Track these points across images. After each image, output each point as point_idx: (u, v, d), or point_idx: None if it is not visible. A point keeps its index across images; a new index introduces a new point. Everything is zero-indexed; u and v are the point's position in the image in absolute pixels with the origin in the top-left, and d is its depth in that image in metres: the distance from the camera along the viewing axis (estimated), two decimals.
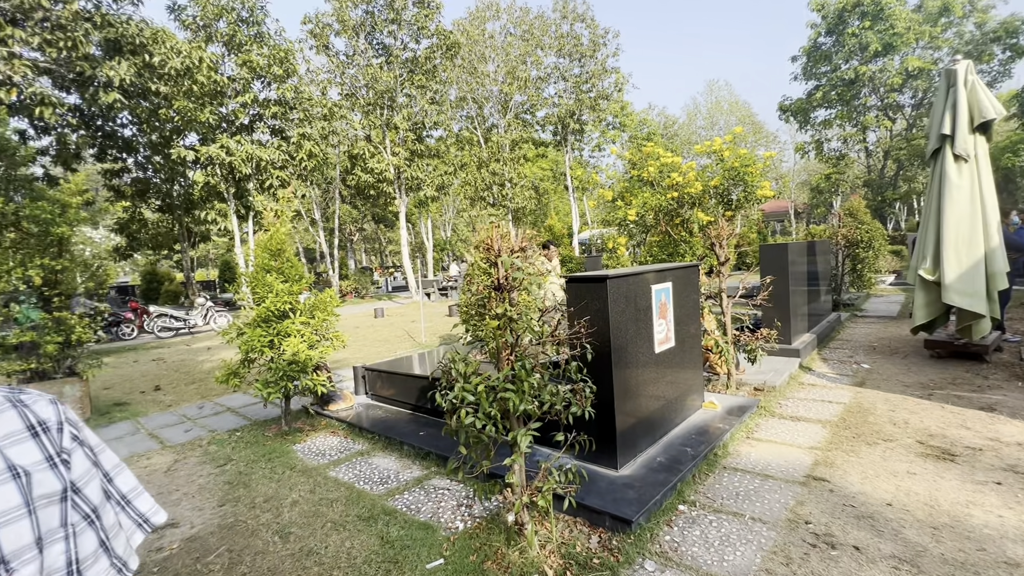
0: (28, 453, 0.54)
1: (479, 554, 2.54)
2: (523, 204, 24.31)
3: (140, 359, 9.98)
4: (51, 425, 0.58)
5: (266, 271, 4.64)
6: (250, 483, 3.64)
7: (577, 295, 3.15)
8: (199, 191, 17.05)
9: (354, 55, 19.17)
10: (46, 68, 10.94)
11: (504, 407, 2.34)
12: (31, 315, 5.35)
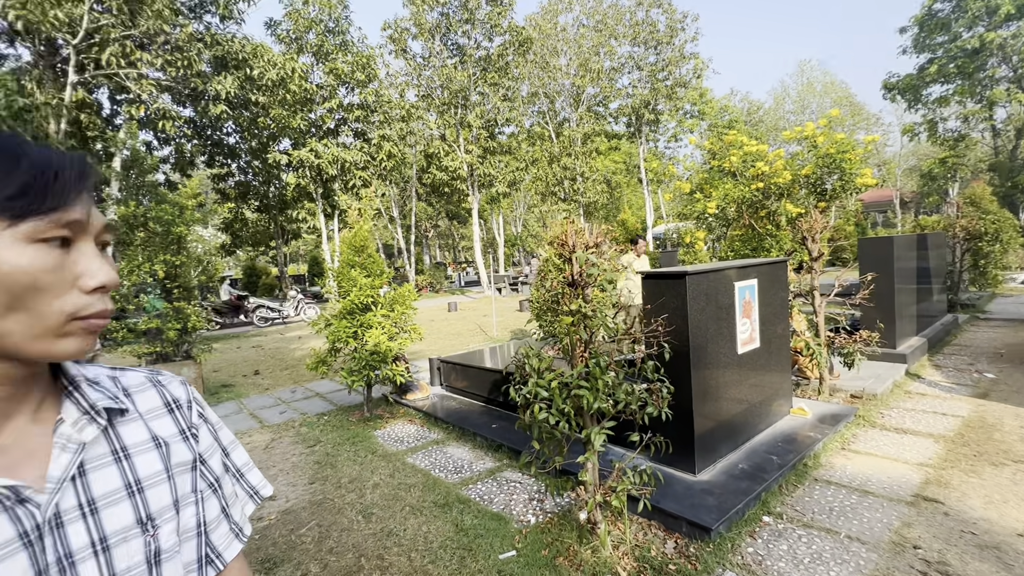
0: (166, 426, 0.61)
1: (551, 549, 2.55)
2: (595, 198, 23.92)
3: (242, 346, 11.03)
4: (183, 403, 0.65)
5: (351, 266, 4.93)
6: (336, 464, 3.90)
7: (654, 292, 3.05)
8: (291, 192, 18.45)
9: (430, 57, 19.80)
10: (167, 86, 12.35)
11: (578, 404, 2.33)
12: (156, 304, 6.08)
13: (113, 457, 0.56)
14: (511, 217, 38.19)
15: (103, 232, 0.53)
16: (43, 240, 0.47)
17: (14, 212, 0.45)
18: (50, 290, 0.47)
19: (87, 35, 10.19)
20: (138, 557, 0.54)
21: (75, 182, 0.49)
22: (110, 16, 10.29)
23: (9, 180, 0.45)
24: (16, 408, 0.51)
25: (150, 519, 0.56)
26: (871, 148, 7.49)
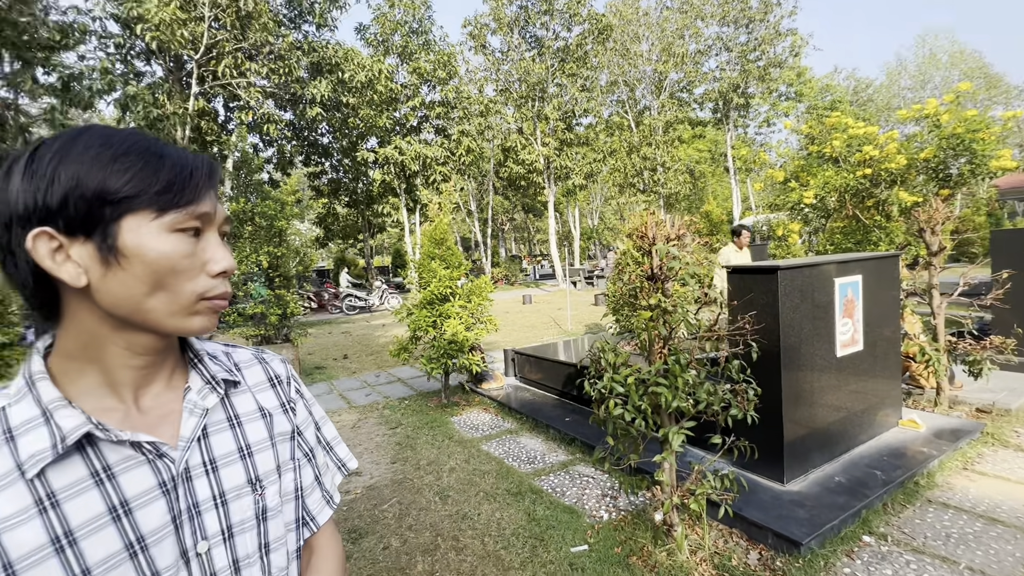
0: (270, 399, 0.69)
1: (624, 548, 2.51)
2: (676, 189, 22.90)
3: (332, 331, 11.88)
4: (283, 379, 0.72)
5: (431, 258, 5.13)
6: (415, 446, 4.10)
7: (741, 287, 2.87)
8: (377, 188, 19.52)
9: (508, 51, 19.94)
10: (271, 92, 13.53)
11: (655, 402, 2.25)
12: (261, 292, 6.72)
13: (228, 423, 0.63)
14: (587, 210, 37.65)
15: (224, 223, 0.59)
16: (181, 230, 0.53)
17: (160, 205, 0.52)
18: (185, 273, 0.53)
19: (206, 50, 11.40)
20: (249, 512, 0.61)
21: (205, 179, 0.55)
22: (224, 32, 11.43)
23: (156, 178, 0.51)
24: (155, 376, 0.59)
25: (258, 480, 0.62)
26: (1010, 126, 6.48)
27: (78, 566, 0.49)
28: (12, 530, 0.47)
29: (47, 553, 0.48)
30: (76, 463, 0.51)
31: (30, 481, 0.49)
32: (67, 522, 0.49)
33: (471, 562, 2.51)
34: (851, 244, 6.05)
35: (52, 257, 0.49)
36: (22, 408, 0.51)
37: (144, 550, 0.52)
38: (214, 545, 0.57)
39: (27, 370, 0.53)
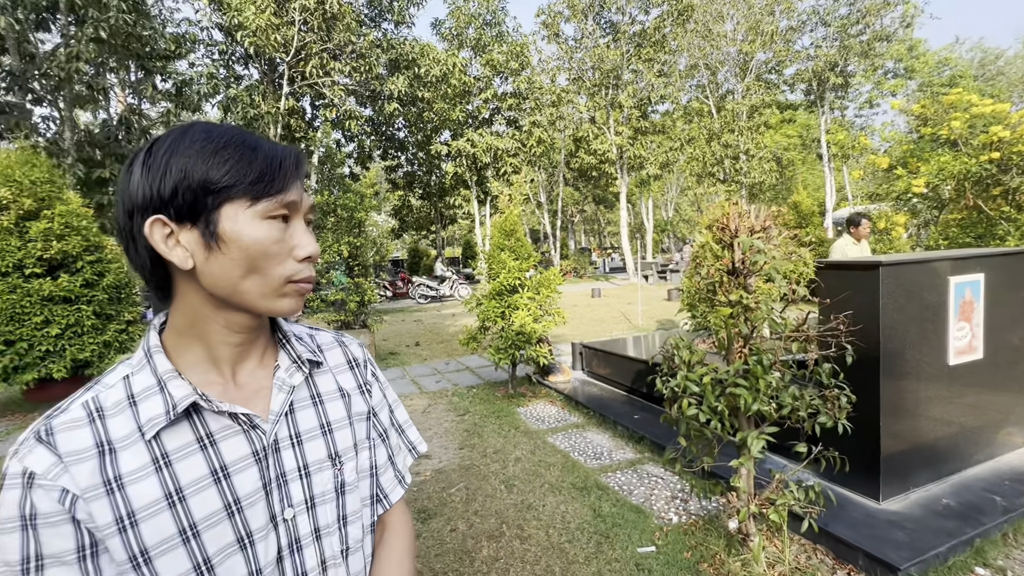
0: (348, 380, 0.72)
1: (694, 553, 2.40)
2: (761, 178, 21.41)
3: (405, 319, 12.39)
4: (360, 362, 0.75)
5: (500, 249, 5.17)
6: (482, 434, 4.18)
7: (835, 285, 2.62)
8: (449, 180, 19.99)
9: (582, 38, 19.54)
10: (352, 90, 14.23)
11: (733, 404, 2.13)
12: (342, 279, 7.13)
13: (312, 401, 0.66)
14: (661, 201, 36.29)
15: (309, 211, 0.62)
16: (271, 217, 0.56)
17: (253, 194, 0.55)
18: (275, 258, 0.56)
19: (296, 52, 12.20)
20: (329, 485, 0.64)
21: (292, 169, 0.58)
22: (312, 34, 12.15)
23: (250, 168, 0.55)
24: (249, 353, 0.63)
25: (337, 456, 0.66)
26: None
27: (186, 520, 0.54)
28: (135, 483, 0.53)
29: (162, 507, 0.53)
30: (184, 429, 0.56)
31: (148, 442, 0.54)
32: (178, 481, 0.55)
33: (535, 552, 2.52)
34: (970, 238, 5.35)
35: (165, 242, 0.54)
36: (142, 377, 0.57)
37: (240, 511, 0.57)
38: (299, 513, 0.61)
39: (146, 343, 0.59)
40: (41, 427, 0.53)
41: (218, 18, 12.29)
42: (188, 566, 0.53)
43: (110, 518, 0.51)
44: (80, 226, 5.22)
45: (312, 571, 0.62)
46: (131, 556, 0.51)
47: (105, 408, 0.55)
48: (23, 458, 0.51)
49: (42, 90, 10.45)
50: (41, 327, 4.90)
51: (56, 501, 0.50)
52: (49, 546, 0.50)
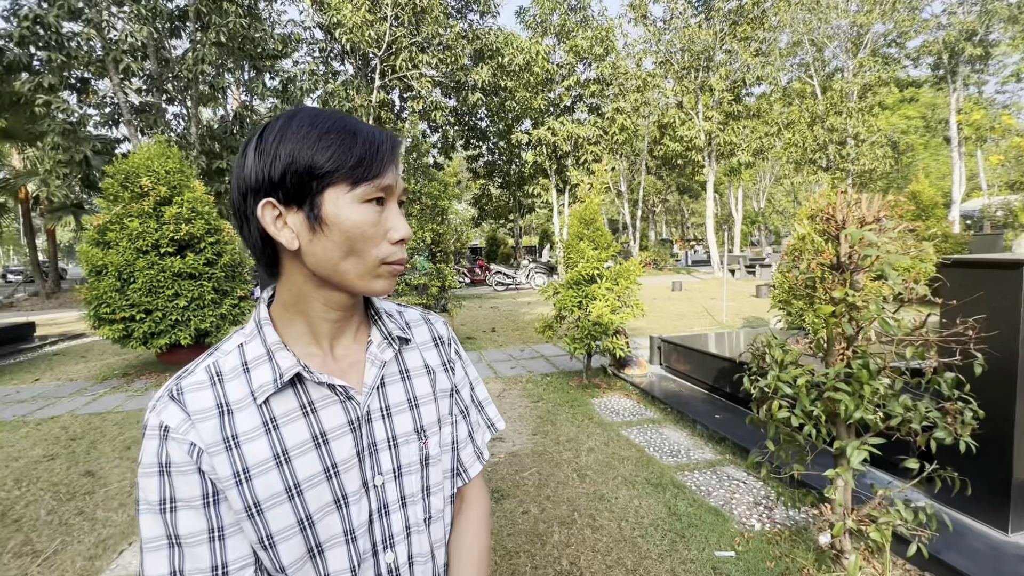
0: (433, 358, 0.76)
1: (778, 564, 2.27)
2: (872, 165, 19.27)
3: (482, 305, 12.69)
4: (445, 340, 0.79)
5: (579, 238, 5.12)
6: (556, 422, 4.20)
7: (965, 285, 2.32)
8: (529, 169, 20.04)
9: (671, 19, 18.60)
10: (438, 81, 14.65)
11: (831, 409, 1.96)
12: (425, 265, 7.43)
13: (400, 376, 0.70)
14: (753, 190, 33.92)
15: (402, 194, 0.64)
16: (368, 201, 0.59)
17: (353, 179, 0.57)
18: (371, 240, 0.59)
19: (387, 47, 12.76)
20: (415, 457, 0.68)
21: (388, 153, 0.60)
22: (402, 28, 12.64)
23: (350, 154, 0.57)
24: (346, 329, 0.67)
25: (423, 430, 0.69)
26: None
27: (291, 479, 0.59)
28: (249, 443, 0.59)
29: (271, 465, 0.59)
30: (289, 396, 0.62)
31: (259, 406, 0.60)
32: (284, 443, 0.60)
33: (606, 543, 2.51)
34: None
35: (274, 223, 0.58)
36: (253, 346, 0.63)
37: (337, 475, 0.62)
38: (387, 480, 0.65)
39: (257, 316, 0.65)
40: (173, 387, 0.60)
41: (319, 18, 13.16)
42: (292, 520, 0.59)
43: (229, 472, 0.57)
44: (203, 211, 5.88)
45: (398, 535, 0.66)
46: (246, 507, 0.57)
47: (224, 373, 0.61)
48: (159, 413, 0.58)
49: (174, 90, 11.84)
50: (172, 299, 5.60)
51: (186, 453, 0.56)
52: (180, 491, 0.56)
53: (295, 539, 0.59)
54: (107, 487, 3.29)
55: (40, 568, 2.46)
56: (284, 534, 0.58)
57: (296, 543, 0.59)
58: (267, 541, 0.58)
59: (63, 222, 18.13)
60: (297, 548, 0.59)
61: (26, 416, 4.73)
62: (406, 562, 0.66)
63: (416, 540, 0.68)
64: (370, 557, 0.64)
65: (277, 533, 0.58)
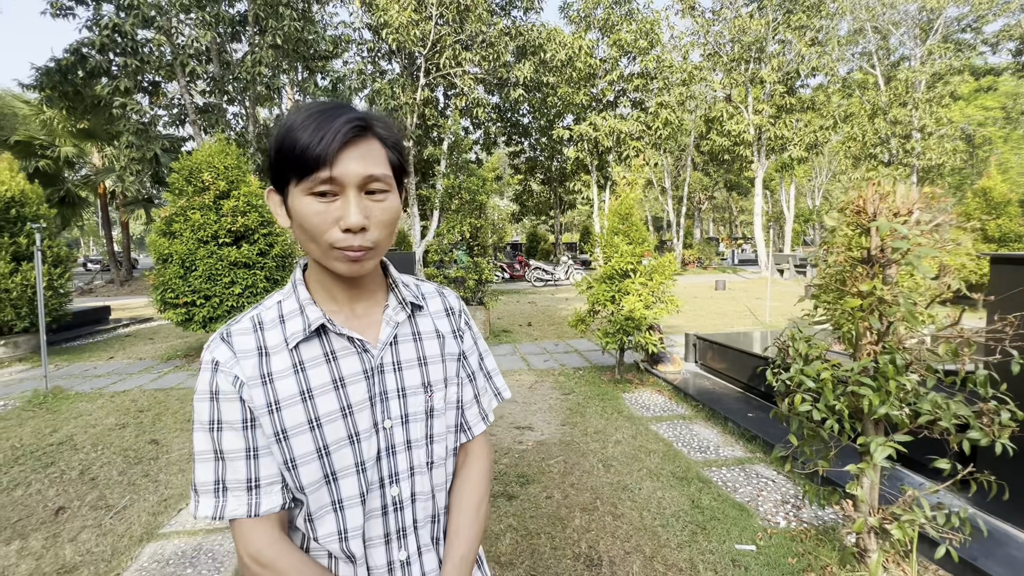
0: (444, 325, 0.86)
1: (800, 560, 2.25)
2: (941, 160, 18.00)
3: (520, 300, 12.79)
4: (456, 311, 0.89)
5: (614, 233, 5.12)
6: (585, 414, 4.25)
7: (1012, 281, 2.21)
8: (571, 165, 19.95)
9: (721, 9, 18.00)
10: (481, 78, 14.81)
11: (855, 404, 1.93)
12: (463, 258, 7.61)
13: (412, 337, 0.81)
14: (807, 187, 32.38)
15: (368, 181, 0.66)
16: (312, 194, 0.65)
17: (298, 175, 0.65)
18: (319, 227, 0.66)
19: (432, 45, 13.03)
20: (420, 408, 0.78)
21: (336, 147, 0.63)
22: (446, 26, 12.87)
23: (294, 151, 0.65)
24: (362, 294, 0.78)
25: (429, 385, 0.80)
26: None
27: (313, 414, 0.71)
28: (280, 380, 0.71)
29: (297, 400, 0.71)
30: (315, 344, 0.74)
31: (290, 350, 0.73)
32: (309, 383, 0.72)
33: (626, 530, 2.56)
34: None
35: (277, 208, 0.71)
36: (289, 303, 0.76)
37: (351, 414, 0.73)
38: (395, 424, 0.76)
39: (293, 278, 0.78)
40: (224, 331, 0.74)
41: (367, 19, 13.59)
42: (312, 448, 0.70)
43: (263, 402, 0.69)
44: (258, 204, 6.27)
45: (403, 473, 0.76)
46: (276, 432, 0.70)
47: (264, 323, 0.75)
48: (212, 351, 0.72)
49: (234, 91, 12.55)
50: (228, 286, 6.02)
51: (231, 384, 0.70)
52: (225, 414, 0.70)
53: (313, 464, 0.71)
54: (169, 454, 3.62)
55: (111, 520, 2.76)
56: (305, 459, 0.70)
57: (314, 468, 0.71)
58: (291, 464, 0.70)
59: (135, 215, 19.58)
60: (315, 472, 0.71)
61: (102, 389, 5.23)
62: (408, 498, 0.77)
63: (419, 480, 0.78)
64: (377, 489, 0.74)
65: (299, 457, 0.70)
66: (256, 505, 0.70)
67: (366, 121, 0.67)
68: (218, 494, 0.70)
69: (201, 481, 0.70)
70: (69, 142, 15.56)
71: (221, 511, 0.70)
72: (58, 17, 10.63)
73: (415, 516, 0.77)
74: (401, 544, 0.76)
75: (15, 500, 3.00)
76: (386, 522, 0.75)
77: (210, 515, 0.70)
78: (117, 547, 2.51)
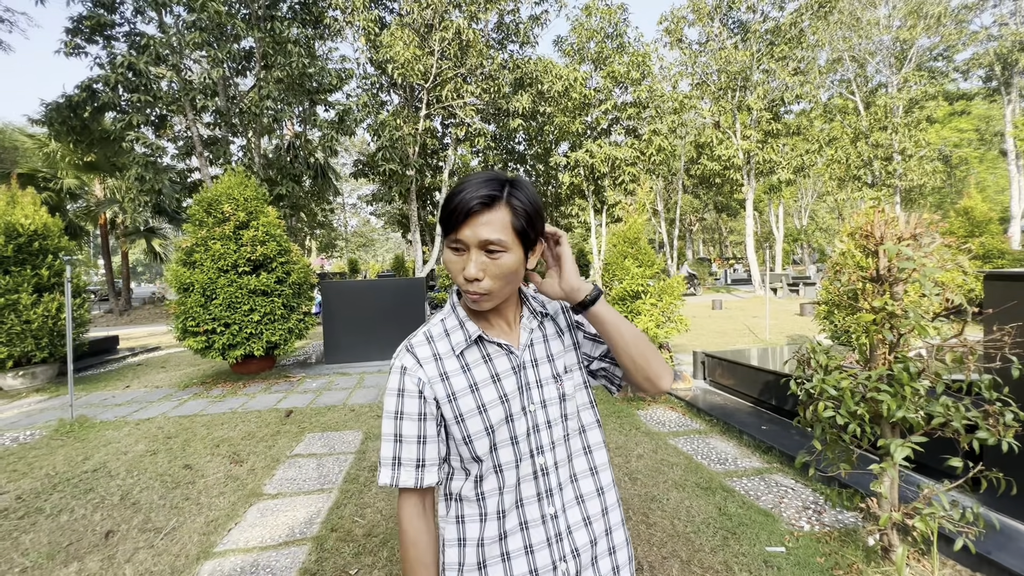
0: (562, 322, 1.08)
1: (828, 559, 2.41)
2: (922, 180, 18.70)
3: None
4: (566, 307, 1.11)
5: (623, 256, 5.37)
6: (604, 431, 4.40)
7: (1004, 296, 2.45)
8: (566, 190, 20.41)
9: (707, 41, 18.84)
10: (480, 109, 15.30)
11: (875, 410, 2.13)
12: None
13: (543, 339, 1.02)
14: (794, 208, 33.20)
15: (485, 244, 0.86)
16: (449, 247, 0.88)
17: (444, 232, 0.90)
18: (455, 273, 0.89)
19: (433, 79, 13.52)
20: (554, 394, 0.99)
21: (463, 216, 0.84)
22: (447, 61, 13.39)
23: (444, 213, 0.89)
24: (505, 310, 1.00)
25: (558, 375, 1.00)
26: None
27: (479, 402, 0.92)
28: (454, 377, 0.93)
29: (467, 391, 0.92)
30: (475, 350, 0.96)
31: (457, 356, 0.94)
32: (474, 378, 0.93)
33: (660, 537, 2.70)
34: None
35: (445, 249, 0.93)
36: (450, 320, 0.98)
37: (506, 401, 0.94)
38: (538, 408, 0.96)
39: (451, 301, 1.01)
40: (407, 343, 0.97)
41: (371, 54, 14.09)
42: (481, 427, 0.91)
43: (444, 394, 0.91)
44: (276, 233, 6.47)
45: (545, 446, 0.96)
46: (455, 417, 0.92)
47: (433, 336, 0.97)
48: (401, 358, 0.95)
49: (239, 124, 12.88)
50: (247, 314, 6.16)
51: (415, 384, 0.92)
52: (406, 407, 0.92)
53: (483, 439, 0.92)
54: (205, 478, 3.71)
55: (163, 541, 2.86)
56: (477, 435, 0.92)
57: (484, 442, 0.92)
58: (468, 439, 0.92)
59: (135, 245, 19.60)
60: (485, 445, 0.92)
61: (126, 417, 5.30)
62: (552, 465, 0.97)
63: (559, 450, 0.98)
64: (528, 458, 0.94)
65: (474, 434, 0.92)
66: (420, 479, 0.91)
67: (501, 194, 0.86)
68: (394, 467, 0.91)
69: (384, 456, 0.92)
70: (72, 174, 15.75)
71: (396, 480, 0.91)
72: (71, 56, 10.96)
73: (559, 479, 0.97)
74: (550, 501, 0.95)
75: (62, 525, 3.09)
76: (536, 484, 0.95)
77: (388, 483, 0.91)
78: (175, 566, 2.61)
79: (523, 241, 0.90)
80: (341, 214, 40.14)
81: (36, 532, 3.00)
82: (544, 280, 1.00)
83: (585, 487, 1.00)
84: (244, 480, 3.65)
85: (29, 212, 6.39)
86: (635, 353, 0.96)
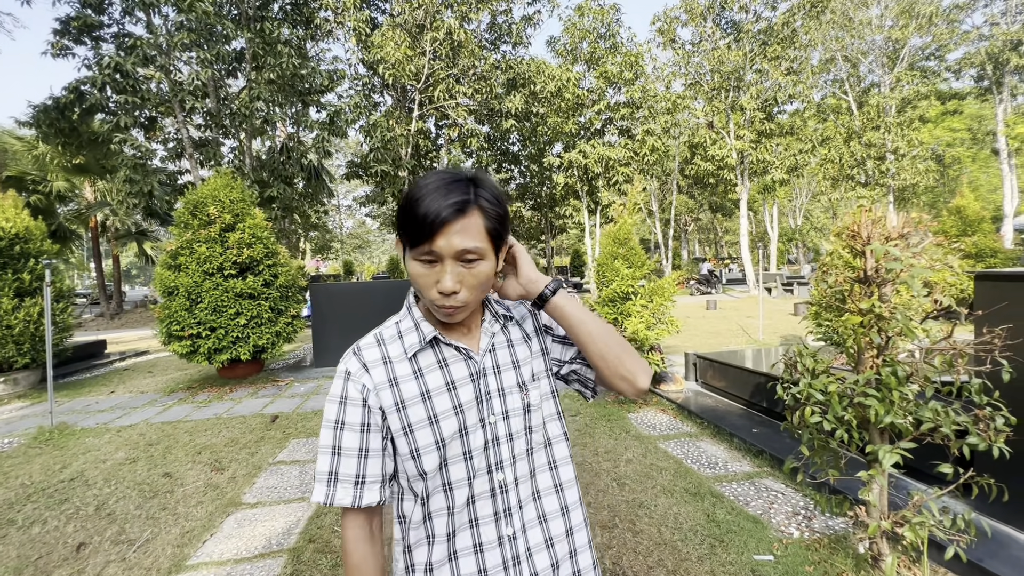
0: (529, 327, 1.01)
1: (817, 568, 2.35)
2: (915, 180, 18.74)
3: None
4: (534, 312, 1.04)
5: (613, 257, 5.31)
6: (593, 435, 4.34)
7: (994, 297, 2.40)
8: (560, 191, 20.38)
9: (700, 42, 18.84)
10: (472, 110, 15.25)
11: (862, 415, 2.08)
12: None
13: (506, 344, 0.95)
14: (788, 208, 33.27)
15: (462, 254, 0.78)
16: (418, 259, 0.79)
17: (409, 243, 0.79)
18: (424, 286, 0.80)
19: (425, 79, 13.45)
20: (518, 404, 0.91)
21: (437, 226, 0.75)
22: (439, 62, 13.33)
23: (408, 224, 0.79)
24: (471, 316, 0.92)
25: (523, 384, 0.93)
26: None
27: (431, 412, 0.84)
28: (404, 383, 0.85)
29: (418, 400, 0.85)
30: (430, 353, 0.88)
31: (410, 359, 0.87)
32: (427, 385, 0.86)
33: (647, 546, 2.64)
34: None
35: (403, 254, 0.84)
36: (405, 322, 0.91)
37: (461, 412, 0.86)
38: (498, 420, 0.89)
39: (408, 301, 0.93)
40: (355, 346, 0.89)
41: (362, 55, 14.01)
42: (431, 440, 0.83)
43: (391, 402, 0.83)
44: (263, 236, 6.37)
45: (505, 461, 0.89)
46: (403, 427, 0.83)
47: (384, 338, 0.89)
48: (346, 362, 0.87)
49: (230, 125, 12.78)
50: (233, 317, 6.06)
51: (358, 391, 0.84)
52: (348, 416, 0.83)
53: (432, 454, 0.84)
54: (184, 487, 3.62)
55: (135, 554, 2.77)
56: (426, 449, 0.84)
57: (432, 457, 0.84)
58: (415, 452, 0.84)
59: (127, 248, 19.44)
60: (433, 461, 0.84)
61: (107, 424, 5.19)
62: (512, 482, 0.89)
63: (520, 466, 0.90)
64: (485, 474, 0.87)
65: (422, 448, 0.84)
66: (359, 498, 0.83)
67: (470, 197, 0.78)
68: (330, 483, 0.83)
69: (320, 471, 0.84)
70: (61, 177, 15.59)
71: (331, 498, 0.83)
72: (58, 57, 10.84)
73: (519, 497, 0.89)
74: (508, 521, 0.88)
75: (33, 538, 2.99)
76: (494, 502, 0.87)
77: (322, 500, 0.83)
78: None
79: (495, 244, 0.84)
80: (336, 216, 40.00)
81: (5, 545, 2.90)
82: (503, 283, 0.94)
83: (548, 505, 0.93)
84: (224, 488, 3.56)
85: (10, 215, 6.27)
86: (604, 349, 0.90)
